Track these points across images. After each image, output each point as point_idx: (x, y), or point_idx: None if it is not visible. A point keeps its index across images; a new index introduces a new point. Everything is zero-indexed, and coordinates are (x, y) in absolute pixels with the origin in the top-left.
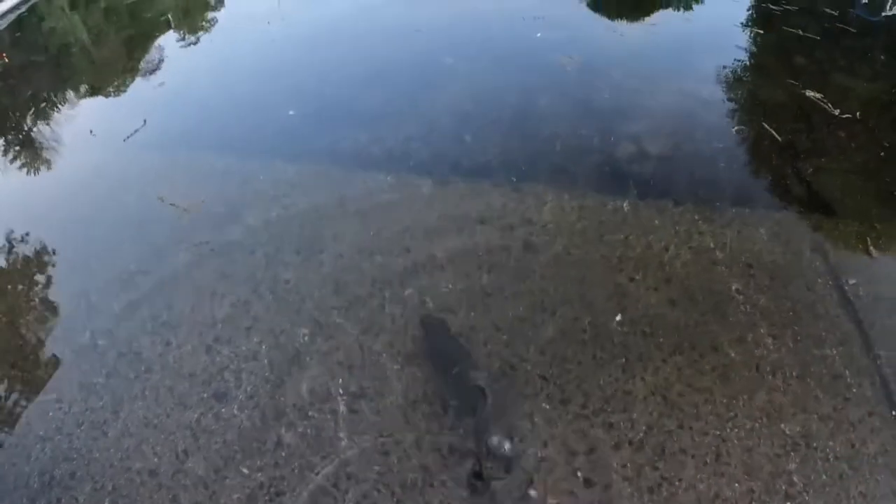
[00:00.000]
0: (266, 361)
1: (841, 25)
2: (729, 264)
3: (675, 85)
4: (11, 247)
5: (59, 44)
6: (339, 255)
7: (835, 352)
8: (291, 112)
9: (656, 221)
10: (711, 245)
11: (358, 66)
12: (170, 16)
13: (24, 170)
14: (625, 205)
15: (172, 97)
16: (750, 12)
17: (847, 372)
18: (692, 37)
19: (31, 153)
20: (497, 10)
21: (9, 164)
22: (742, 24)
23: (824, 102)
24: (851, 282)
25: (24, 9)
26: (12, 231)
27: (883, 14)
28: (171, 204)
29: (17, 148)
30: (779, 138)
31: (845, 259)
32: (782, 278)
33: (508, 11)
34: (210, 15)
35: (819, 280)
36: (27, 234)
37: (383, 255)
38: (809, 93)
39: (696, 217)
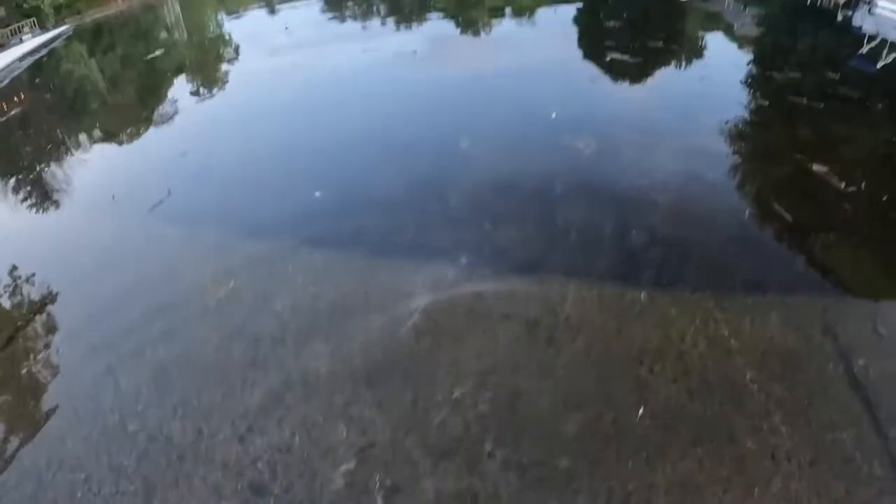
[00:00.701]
0: (301, 454)
1: (842, 90)
2: (744, 352)
3: (685, 167)
4: (36, 320)
5: (77, 93)
6: (368, 347)
7: (845, 435)
8: (318, 194)
9: (673, 311)
10: (726, 333)
11: (377, 144)
12: (189, 75)
13: (48, 242)
14: (642, 295)
15: (194, 165)
16: (754, 84)
17: (858, 454)
18: (699, 114)
19: (56, 220)
20: (511, 89)
21: (33, 232)
22: (747, 98)
23: (830, 176)
24: (861, 362)
25: (43, 52)
26: (39, 303)
27: (881, 63)
28: (200, 285)
29: (42, 212)
30: (789, 218)
31: (855, 339)
32: (794, 364)
33: (524, 94)
34: (228, 73)
35: (829, 363)
36: (53, 308)
37: (411, 351)
38: (816, 166)
39: (712, 305)
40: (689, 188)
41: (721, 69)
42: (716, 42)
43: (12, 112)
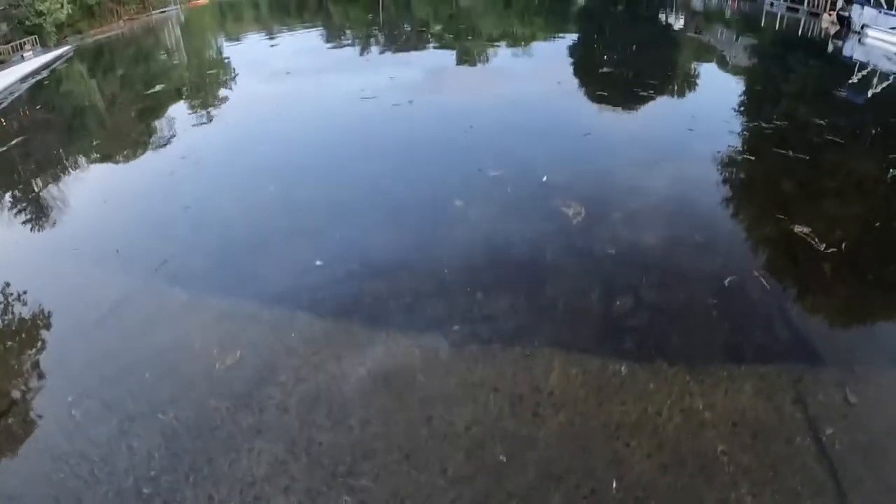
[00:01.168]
0: None
1: (829, 137)
2: (716, 424)
3: (668, 229)
4: (45, 385)
5: (75, 124)
6: (367, 420)
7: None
8: (319, 262)
9: (651, 385)
10: (700, 406)
11: (376, 210)
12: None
13: (52, 297)
14: (623, 368)
15: (198, 224)
16: (741, 134)
17: None
18: (683, 170)
19: (58, 273)
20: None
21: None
22: (733, 151)
23: (811, 238)
24: (829, 431)
25: (45, 73)
26: (45, 368)
27: (871, 92)
28: (206, 352)
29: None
30: (767, 286)
31: (824, 409)
32: (764, 435)
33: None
34: (222, 112)
35: (798, 434)
36: (60, 373)
37: (407, 422)
38: (798, 228)
39: (688, 378)
40: (672, 253)
41: (712, 111)
42: (709, 76)
43: (13, 142)
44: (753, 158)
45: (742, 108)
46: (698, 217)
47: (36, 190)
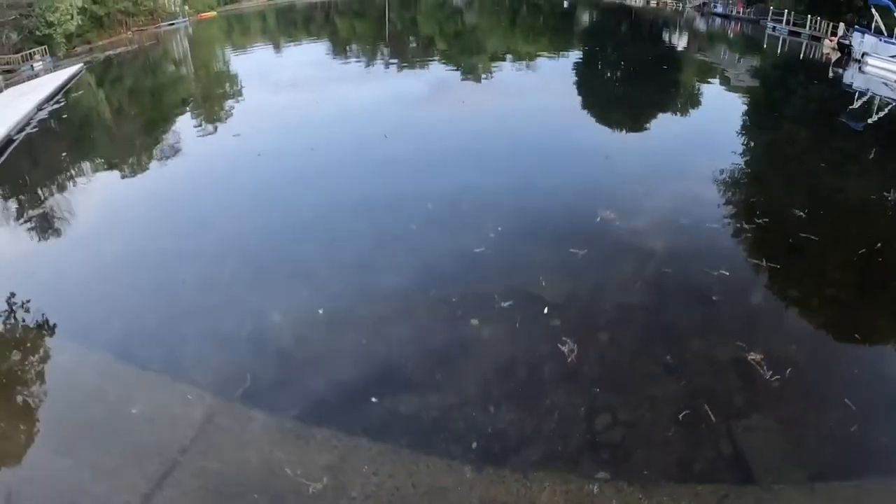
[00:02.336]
0: None
1: (807, 236)
2: None
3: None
4: None
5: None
6: None
7: None
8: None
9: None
10: None
11: (384, 303)
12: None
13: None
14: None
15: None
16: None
17: None
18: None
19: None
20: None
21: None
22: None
23: (761, 366)
24: None
25: (61, 99)
26: None
27: (870, 120)
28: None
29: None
30: (713, 418)
31: None
32: None
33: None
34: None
35: None
36: None
37: None
38: (752, 356)
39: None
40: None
41: (712, 136)
42: (711, 99)
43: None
44: (728, 274)
45: (743, 132)
46: (659, 358)
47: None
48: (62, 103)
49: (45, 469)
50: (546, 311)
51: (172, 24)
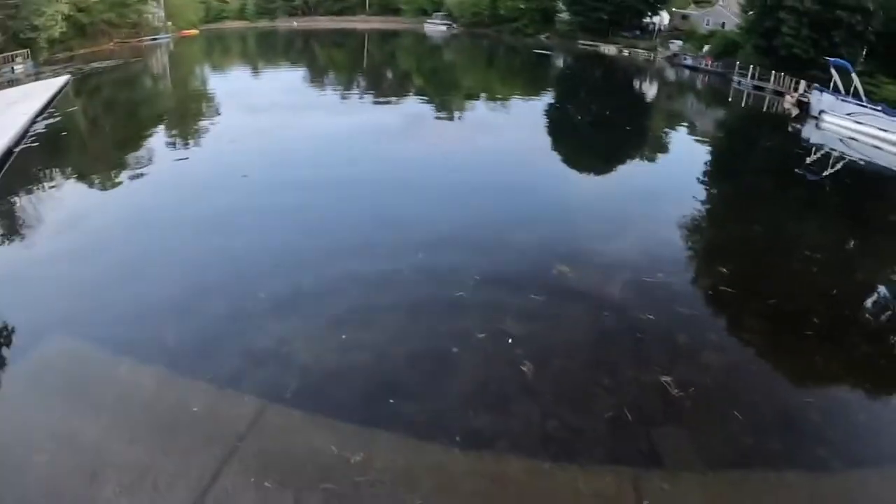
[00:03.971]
0: None
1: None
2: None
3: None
4: None
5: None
6: None
7: None
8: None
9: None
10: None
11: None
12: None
13: None
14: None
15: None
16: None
17: None
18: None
19: None
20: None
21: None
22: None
23: (671, 385)
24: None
25: (54, 112)
26: None
27: (825, 173)
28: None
29: None
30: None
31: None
32: None
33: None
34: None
35: None
36: None
37: None
38: (664, 378)
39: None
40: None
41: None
42: (677, 146)
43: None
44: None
45: (706, 179)
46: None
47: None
48: (58, 117)
49: (123, 455)
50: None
51: (155, 38)
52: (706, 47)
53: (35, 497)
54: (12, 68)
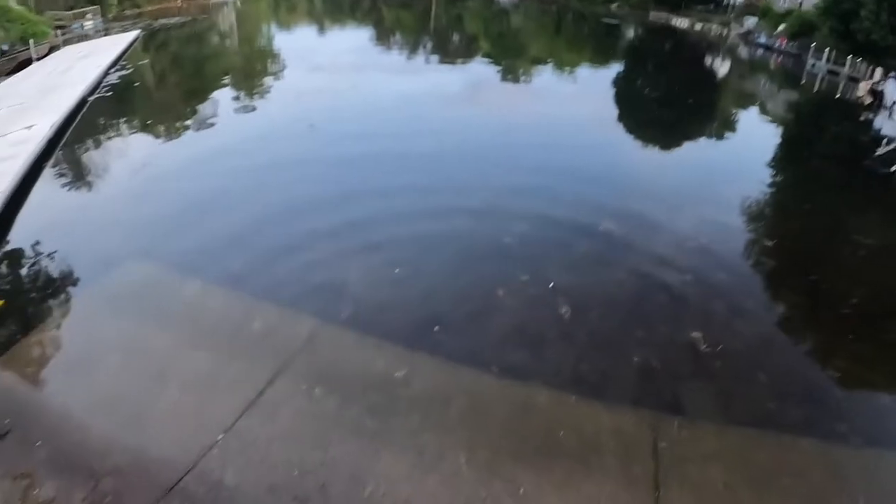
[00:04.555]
0: None
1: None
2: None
3: None
4: None
5: None
6: None
7: None
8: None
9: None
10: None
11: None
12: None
13: None
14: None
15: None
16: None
17: None
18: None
19: None
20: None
21: None
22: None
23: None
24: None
25: (126, 65)
26: None
27: (894, 168)
28: None
29: None
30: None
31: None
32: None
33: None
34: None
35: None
36: None
37: None
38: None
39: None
40: None
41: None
42: (745, 127)
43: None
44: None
45: (768, 160)
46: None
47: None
48: (129, 70)
49: (187, 361)
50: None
51: None
52: (781, 26)
53: (106, 390)
54: (82, 24)
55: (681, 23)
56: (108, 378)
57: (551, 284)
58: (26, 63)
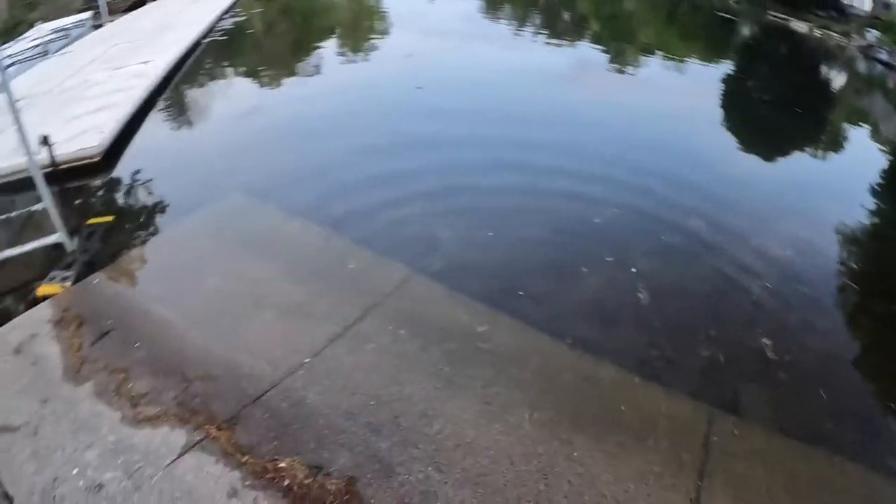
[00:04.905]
0: None
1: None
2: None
3: None
4: None
5: None
6: None
7: None
8: None
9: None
10: None
11: None
12: None
13: None
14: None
15: None
16: None
17: None
18: None
19: None
20: None
21: None
22: None
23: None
24: None
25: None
26: None
27: None
28: None
29: None
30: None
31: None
32: None
33: None
34: None
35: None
36: None
37: None
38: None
39: None
40: None
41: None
42: (853, 147)
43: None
44: None
45: (873, 185)
46: None
47: None
48: (243, 17)
49: (283, 291)
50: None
51: None
52: None
53: (204, 306)
54: None
55: (799, 26)
56: (207, 297)
57: (633, 269)
58: (141, 3)
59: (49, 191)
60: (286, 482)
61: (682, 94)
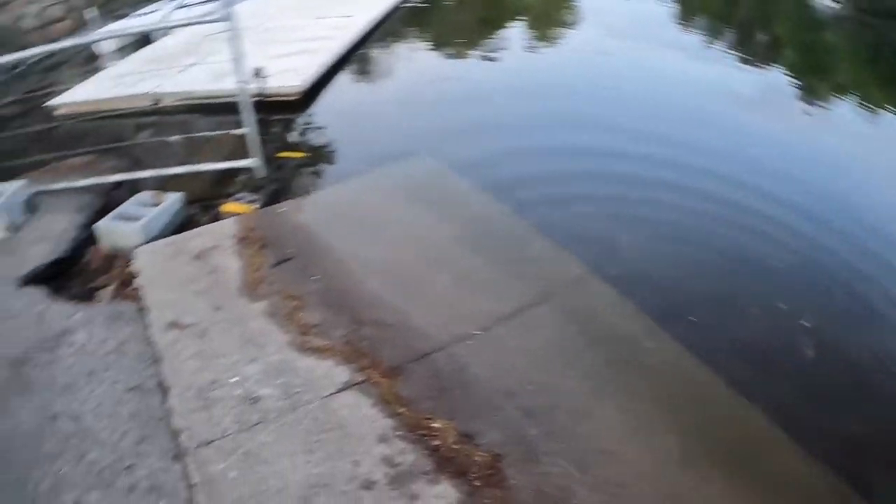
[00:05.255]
0: None
1: None
2: None
3: None
4: None
5: None
6: None
7: None
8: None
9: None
10: None
11: None
12: None
13: None
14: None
15: None
16: None
17: None
18: None
19: None
20: None
21: None
22: None
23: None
24: None
25: None
26: None
27: None
28: None
29: None
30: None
31: None
32: None
33: None
34: None
35: None
36: None
37: None
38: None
39: None
40: None
41: None
42: None
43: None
44: None
45: None
46: None
47: None
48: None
49: (460, 259)
50: None
51: None
52: None
53: (384, 256)
54: None
55: None
56: (386, 248)
57: (806, 324)
58: None
59: (254, 118)
60: (436, 441)
61: (872, 143)
